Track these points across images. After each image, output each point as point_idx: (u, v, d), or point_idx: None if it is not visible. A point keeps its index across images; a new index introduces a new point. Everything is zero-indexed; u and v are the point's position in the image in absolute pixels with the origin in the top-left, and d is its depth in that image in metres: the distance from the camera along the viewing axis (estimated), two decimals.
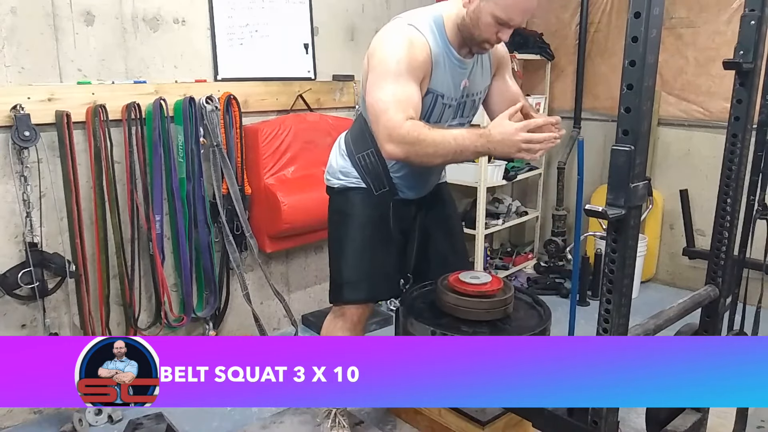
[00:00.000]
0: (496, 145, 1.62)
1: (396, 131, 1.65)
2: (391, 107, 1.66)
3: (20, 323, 2.36)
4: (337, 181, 2.02)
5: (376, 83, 1.72)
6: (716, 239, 1.83)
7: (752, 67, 1.66)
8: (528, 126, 1.60)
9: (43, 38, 2.28)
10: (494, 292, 1.81)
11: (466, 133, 1.66)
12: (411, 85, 1.70)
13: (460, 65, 1.84)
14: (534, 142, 1.59)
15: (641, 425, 2.00)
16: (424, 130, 1.64)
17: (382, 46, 1.75)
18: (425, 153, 1.65)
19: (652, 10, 1.21)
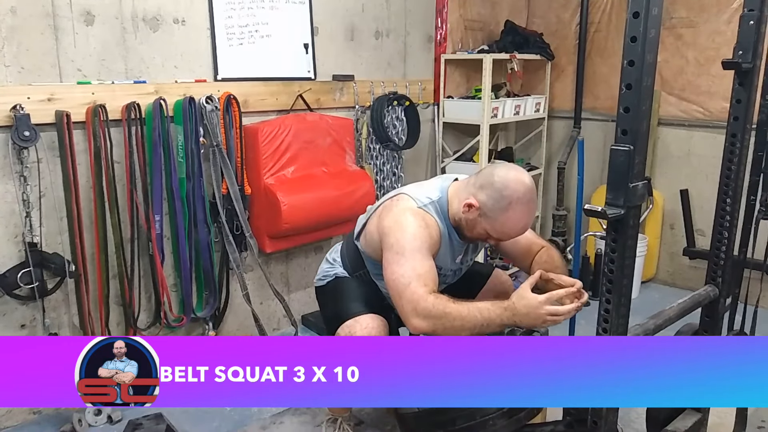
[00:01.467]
0: (522, 318, 1.66)
1: (421, 305, 1.67)
2: (414, 281, 1.70)
3: (20, 323, 2.36)
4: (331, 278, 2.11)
5: (395, 260, 1.76)
6: (716, 239, 1.83)
7: (751, 67, 1.66)
8: (552, 298, 1.65)
9: (43, 38, 2.28)
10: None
11: (492, 306, 1.69)
12: (429, 260, 1.77)
13: (460, 244, 1.97)
14: (560, 314, 1.65)
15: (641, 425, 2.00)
16: (450, 303, 1.67)
17: (400, 226, 1.81)
18: (452, 326, 1.67)
19: (651, 10, 1.21)
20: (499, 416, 1.73)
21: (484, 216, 1.81)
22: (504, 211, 1.77)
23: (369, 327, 1.88)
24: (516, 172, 1.82)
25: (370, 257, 2.00)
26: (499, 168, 1.86)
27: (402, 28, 3.56)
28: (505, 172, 1.81)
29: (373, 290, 2.05)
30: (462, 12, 3.87)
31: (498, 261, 4.14)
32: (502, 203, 1.77)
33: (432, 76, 3.78)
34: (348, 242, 2.14)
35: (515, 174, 1.81)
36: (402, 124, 3.47)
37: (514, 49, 3.89)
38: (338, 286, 2.09)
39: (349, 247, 2.11)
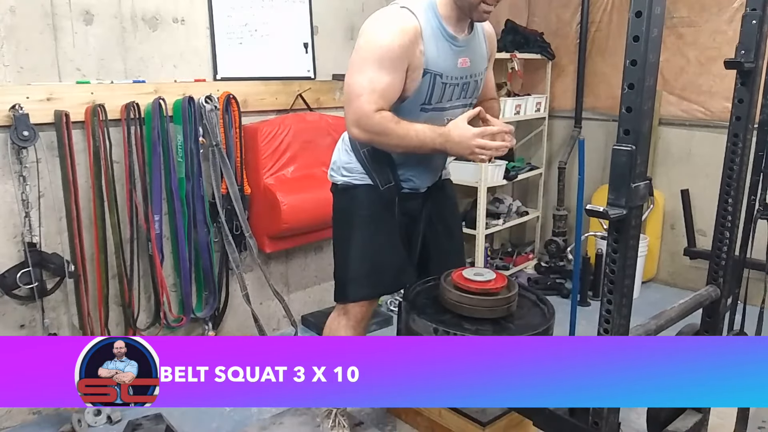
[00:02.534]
0: (453, 145, 1.76)
1: (365, 119, 1.75)
2: (366, 94, 1.74)
3: (19, 323, 2.35)
4: (341, 178, 2.02)
5: (357, 65, 1.78)
6: (717, 239, 1.83)
7: (753, 67, 1.65)
8: (485, 132, 1.74)
9: (42, 37, 2.27)
10: (498, 289, 1.80)
11: (428, 131, 1.76)
12: (391, 75, 1.75)
13: (454, 42, 1.83)
14: (487, 148, 1.74)
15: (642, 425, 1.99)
16: (391, 125, 1.74)
17: (372, 29, 1.81)
18: (387, 143, 1.79)
19: (654, 9, 1.21)
20: None
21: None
22: None
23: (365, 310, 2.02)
24: None
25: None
26: None
27: None
28: None
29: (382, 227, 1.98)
30: None
31: (498, 261, 4.14)
32: None
33: None
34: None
35: None
36: None
37: (514, 48, 3.89)
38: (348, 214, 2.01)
39: None
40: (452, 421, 2.21)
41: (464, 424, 2.16)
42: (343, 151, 2.03)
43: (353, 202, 1.99)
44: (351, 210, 2.00)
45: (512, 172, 3.93)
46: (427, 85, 1.81)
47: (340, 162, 2.03)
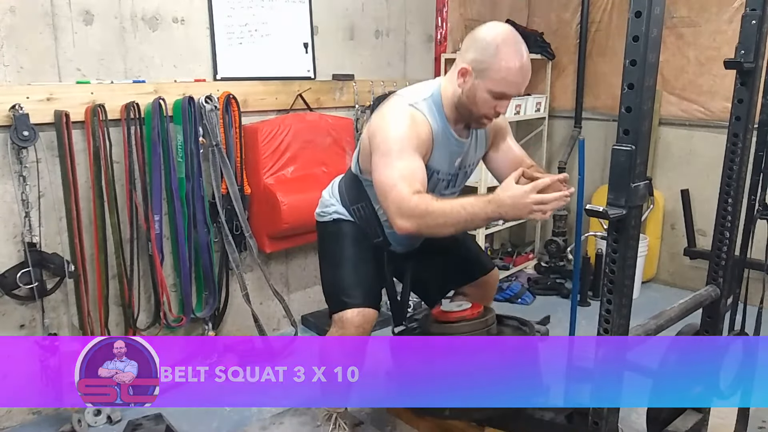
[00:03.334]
0: (507, 209, 1.63)
1: (405, 205, 1.68)
2: (398, 182, 1.70)
3: (19, 323, 2.35)
4: (329, 216, 2.07)
5: (381, 162, 1.75)
6: (717, 239, 1.83)
7: (753, 67, 1.65)
8: (537, 187, 1.61)
9: (42, 37, 2.27)
10: (474, 315, 1.89)
11: (475, 201, 1.68)
12: (416, 160, 1.74)
13: (458, 144, 1.91)
14: (545, 202, 1.61)
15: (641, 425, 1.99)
16: (433, 202, 1.67)
17: (386, 126, 1.79)
18: (436, 224, 1.67)
19: (653, 9, 1.21)
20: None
21: (479, 74, 1.75)
22: (494, 56, 1.72)
23: (363, 319, 1.94)
24: (492, 22, 1.82)
25: (366, 178, 1.94)
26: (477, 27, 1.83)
27: (402, 27, 3.55)
28: (482, 26, 1.80)
29: (370, 254, 2.02)
30: (462, 11, 3.86)
31: (498, 261, 4.14)
32: (489, 50, 1.73)
33: (432, 75, 3.78)
34: (347, 174, 2.10)
35: (492, 23, 1.81)
36: None
37: None
38: (337, 238, 2.04)
39: (347, 177, 2.08)
40: (452, 420, 2.20)
41: (464, 424, 2.16)
42: (335, 200, 2.08)
43: (342, 228, 2.04)
44: (340, 232, 2.04)
45: None
46: None
47: (332, 208, 2.08)
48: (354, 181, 2.02)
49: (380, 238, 1.99)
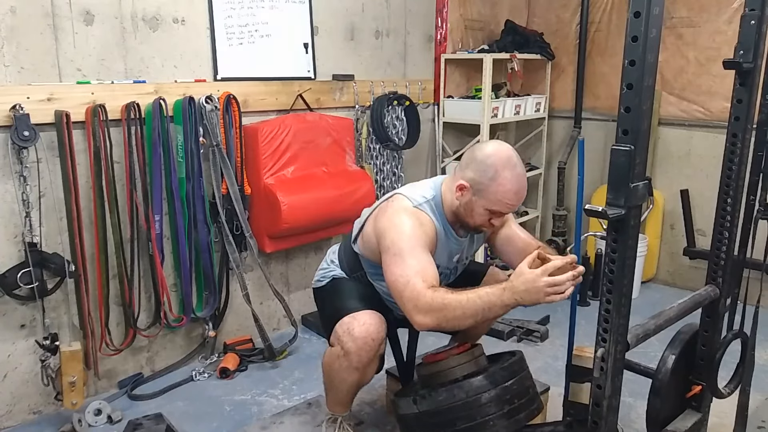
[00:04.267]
0: (522, 294, 1.64)
1: (421, 300, 1.69)
2: (412, 279, 1.72)
3: (20, 323, 2.36)
4: (328, 279, 2.14)
5: (393, 262, 1.78)
6: (716, 239, 1.83)
7: (752, 67, 1.65)
8: (547, 270, 1.63)
9: (43, 38, 2.27)
10: (461, 351, 1.93)
11: (491, 290, 1.69)
12: (427, 256, 1.79)
13: (457, 243, 2.00)
14: (558, 284, 1.62)
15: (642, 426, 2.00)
16: (448, 295, 1.69)
17: (395, 227, 1.83)
18: (454, 316, 1.68)
19: (652, 9, 1.21)
20: (499, 417, 1.73)
21: (477, 192, 1.83)
22: (493, 179, 1.80)
23: (367, 324, 1.89)
24: (495, 142, 1.90)
25: (368, 259, 2.02)
26: (479, 145, 1.92)
27: (402, 27, 3.55)
28: (484, 146, 1.88)
29: (371, 290, 2.06)
30: (462, 12, 3.86)
31: (498, 261, 4.14)
32: (489, 173, 1.80)
33: (432, 75, 3.78)
34: (345, 245, 2.16)
35: (495, 143, 1.88)
36: (402, 124, 3.47)
37: (514, 48, 3.89)
38: (336, 285, 2.11)
39: (347, 250, 2.13)
40: None
41: None
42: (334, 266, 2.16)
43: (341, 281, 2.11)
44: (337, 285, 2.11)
45: None
46: None
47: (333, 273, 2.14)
48: (353, 257, 2.09)
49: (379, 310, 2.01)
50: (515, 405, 1.77)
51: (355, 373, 1.94)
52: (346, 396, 2.08)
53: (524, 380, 1.85)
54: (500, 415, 1.74)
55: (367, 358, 1.90)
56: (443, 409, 1.76)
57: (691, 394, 1.91)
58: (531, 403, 1.83)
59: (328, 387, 2.09)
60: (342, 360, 1.92)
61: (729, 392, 1.93)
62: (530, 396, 1.84)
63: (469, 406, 1.73)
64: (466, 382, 1.78)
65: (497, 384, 1.76)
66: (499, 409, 1.74)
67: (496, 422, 1.73)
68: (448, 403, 1.76)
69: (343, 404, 2.12)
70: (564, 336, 2.13)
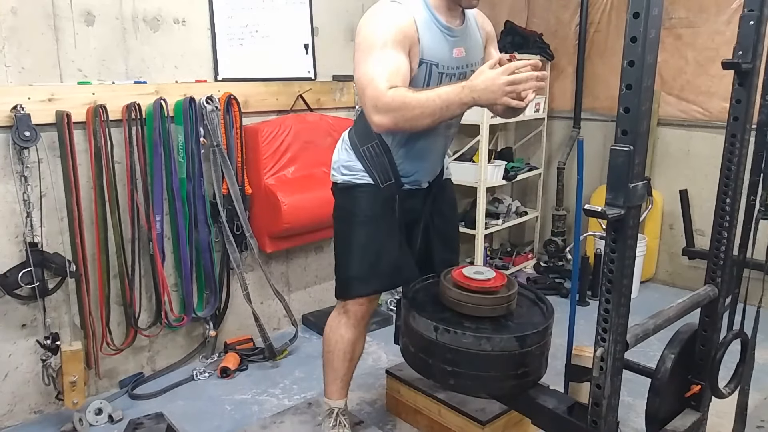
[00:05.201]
0: (480, 93, 1.62)
1: (380, 100, 1.67)
2: (376, 78, 1.68)
3: (20, 323, 2.36)
4: (341, 177, 2.03)
5: (361, 59, 1.74)
6: (715, 239, 1.83)
7: (751, 67, 1.66)
8: (509, 69, 1.60)
9: (44, 38, 2.28)
10: (497, 288, 1.81)
11: (450, 88, 1.66)
12: (396, 55, 1.72)
13: (449, 32, 1.85)
14: (518, 82, 1.59)
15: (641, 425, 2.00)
16: (408, 93, 1.66)
17: (366, 24, 1.78)
18: (412, 116, 1.66)
19: (651, 10, 1.21)
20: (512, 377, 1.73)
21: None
22: None
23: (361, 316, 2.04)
24: None
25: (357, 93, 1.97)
26: None
27: None
28: None
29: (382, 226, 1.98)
30: None
31: (498, 261, 4.15)
32: None
33: None
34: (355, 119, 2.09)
35: None
36: None
37: (513, 49, 3.90)
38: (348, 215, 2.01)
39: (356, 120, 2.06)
40: (452, 419, 2.22)
41: (464, 422, 2.17)
42: (343, 150, 2.04)
43: (354, 201, 2.00)
44: (351, 209, 2.01)
45: (511, 173, 3.94)
46: (423, 76, 1.82)
47: (341, 161, 2.04)
48: (363, 123, 1.96)
49: (392, 180, 1.96)
50: (528, 369, 1.75)
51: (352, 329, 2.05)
52: (342, 366, 2.09)
53: (546, 346, 1.80)
54: (513, 375, 1.72)
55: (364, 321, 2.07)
56: (463, 351, 1.70)
57: (690, 394, 1.91)
58: (540, 369, 1.81)
59: (327, 360, 2.11)
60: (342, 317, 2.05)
61: (729, 392, 1.93)
62: (542, 362, 1.81)
63: (488, 359, 1.69)
64: (496, 337, 1.70)
65: (524, 347, 1.71)
66: (514, 370, 1.72)
67: (505, 382, 1.73)
68: (470, 348, 1.69)
69: (339, 383, 2.12)
70: (563, 335, 2.14)
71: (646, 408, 1.80)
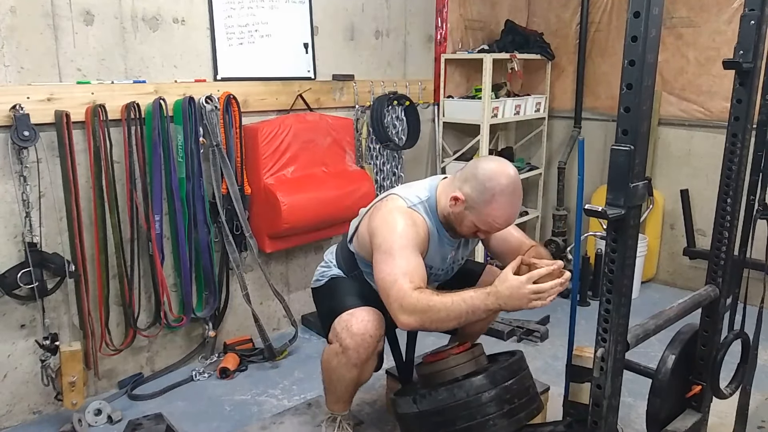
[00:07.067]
0: (506, 300, 1.67)
1: (406, 301, 1.71)
2: (399, 279, 1.74)
3: (19, 323, 2.36)
4: (325, 279, 2.15)
5: (383, 260, 1.80)
6: (716, 239, 1.83)
7: (752, 67, 1.65)
8: (533, 278, 1.66)
9: (43, 38, 2.27)
10: (461, 351, 1.93)
11: (475, 294, 1.71)
12: (417, 258, 1.80)
13: (450, 243, 2.01)
14: (541, 291, 1.66)
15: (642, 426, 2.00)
16: (434, 297, 1.70)
17: (387, 226, 1.85)
18: (438, 318, 1.70)
19: (652, 9, 1.21)
20: (499, 416, 1.74)
21: (469, 209, 1.85)
22: (488, 203, 1.81)
23: (365, 320, 1.89)
24: (499, 164, 1.86)
25: (363, 258, 2.04)
26: (483, 161, 1.91)
27: (402, 27, 3.55)
28: (488, 165, 1.85)
29: (368, 288, 2.06)
30: (462, 12, 3.86)
31: (497, 261, 4.14)
32: (485, 195, 1.81)
33: (432, 75, 3.78)
34: (342, 245, 2.17)
35: (499, 166, 1.85)
36: (402, 124, 3.47)
37: (514, 48, 3.89)
38: (334, 284, 2.12)
39: (343, 249, 2.15)
40: None
41: None
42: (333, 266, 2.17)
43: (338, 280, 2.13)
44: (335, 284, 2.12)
45: None
46: None
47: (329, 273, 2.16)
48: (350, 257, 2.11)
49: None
50: (515, 405, 1.77)
51: (353, 370, 1.93)
52: (345, 394, 2.08)
53: (524, 380, 1.85)
54: (500, 414, 1.74)
55: (365, 355, 1.90)
56: (443, 409, 1.76)
57: (691, 394, 1.91)
58: (531, 403, 1.83)
59: (327, 385, 2.09)
60: (341, 357, 1.92)
61: (730, 393, 1.93)
62: (530, 396, 1.84)
63: (469, 406, 1.74)
64: (466, 381, 1.78)
65: (497, 384, 1.76)
66: (499, 409, 1.74)
67: (496, 422, 1.74)
68: (448, 403, 1.76)
69: (342, 403, 2.12)
70: (564, 336, 2.13)
71: (647, 408, 1.80)
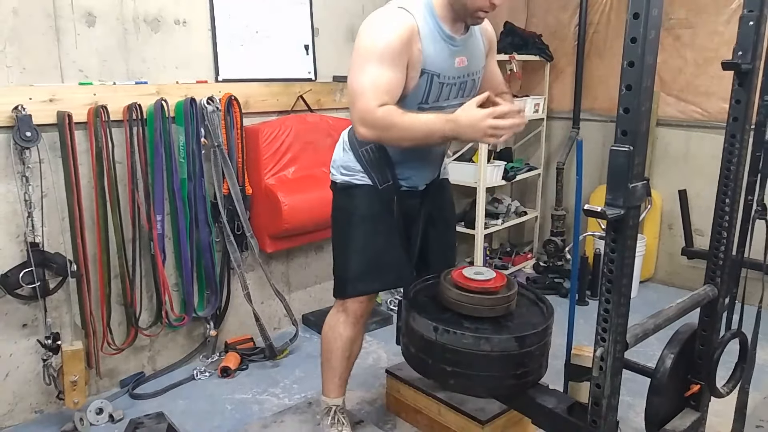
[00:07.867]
0: (464, 129, 1.70)
1: (369, 116, 1.73)
2: (368, 91, 1.73)
3: (21, 323, 2.37)
4: (340, 176, 2.05)
5: (358, 65, 1.78)
6: (715, 239, 1.84)
7: (751, 68, 1.66)
8: (494, 113, 1.68)
9: (45, 39, 2.28)
10: (497, 288, 1.82)
11: (435, 118, 1.73)
12: (392, 71, 1.75)
13: (452, 42, 1.85)
14: (499, 127, 1.69)
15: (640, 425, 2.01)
16: (396, 117, 1.71)
17: (369, 29, 1.81)
18: (395, 137, 1.76)
19: (651, 11, 1.22)
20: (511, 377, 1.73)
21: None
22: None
23: (357, 315, 2.05)
24: None
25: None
26: None
27: None
28: None
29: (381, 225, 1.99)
30: None
31: (497, 261, 4.16)
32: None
33: None
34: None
35: None
36: None
37: (513, 50, 3.90)
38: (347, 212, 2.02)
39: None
40: (452, 419, 2.22)
41: (464, 422, 2.18)
42: (342, 150, 2.06)
43: (352, 201, 2.01)
44: (350, 209, 2.02)
45: (511, 173, 3.95)
46: (424, 85, 1.83)
47: (340, 161, 2.05)
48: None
49: (390, 182, 1.97)
50: (528, 369, 1.75)
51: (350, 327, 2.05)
52: (339, 366, 2.10)
53: (546, 346, 1.80)
54: (513, 375, 1.72)
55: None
56: (462, 352, 1.70)
57: (689, 393, 1.92)
58: (540, 369, 1.81)
59: (325, 353, 2.12)
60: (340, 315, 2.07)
61: (728, 391, 1.94)
62: (542, 362, 1.81)
63: (489, 360, 1.69)
64: (496, 337, 1.70)
65: (523, 347, 1.71)
66: (514, 370, 1.72)
67: (506, 381, 1.73)
68: (470, 350, 1.69)
69: (336, 380, 2.13)
70: (563, 335, 2.14)
71: (646, 407, 1.81)
